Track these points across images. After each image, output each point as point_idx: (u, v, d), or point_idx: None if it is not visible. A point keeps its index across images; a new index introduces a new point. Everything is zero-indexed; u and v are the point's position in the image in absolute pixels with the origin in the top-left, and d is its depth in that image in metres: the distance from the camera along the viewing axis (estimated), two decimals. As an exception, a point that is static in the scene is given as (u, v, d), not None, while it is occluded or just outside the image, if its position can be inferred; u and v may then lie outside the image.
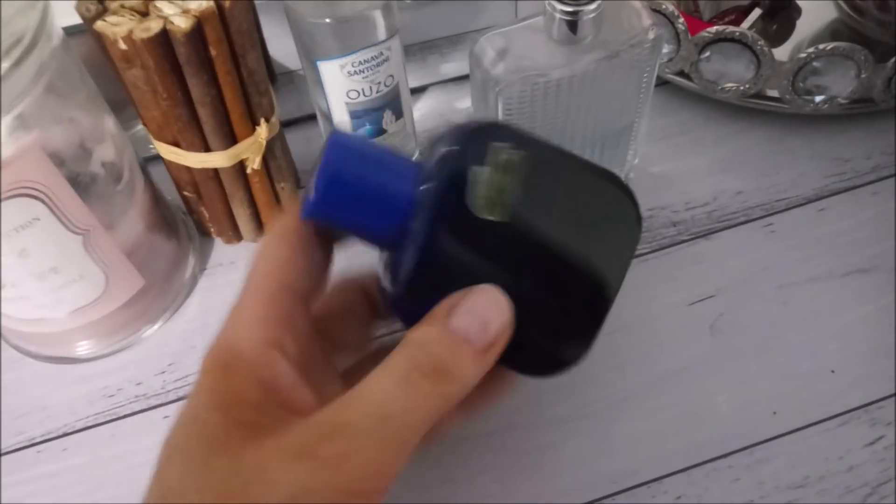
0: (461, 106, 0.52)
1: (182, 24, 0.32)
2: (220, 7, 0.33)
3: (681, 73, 0.48)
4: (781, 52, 0.49)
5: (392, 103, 0.40)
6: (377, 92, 0.39)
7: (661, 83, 0.51)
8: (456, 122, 0.28)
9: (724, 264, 0.43)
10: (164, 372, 0.42)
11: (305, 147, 0.48)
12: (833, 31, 0.50)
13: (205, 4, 0.33)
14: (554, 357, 0.29)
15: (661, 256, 0.44)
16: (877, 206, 0.45)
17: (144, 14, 0.34)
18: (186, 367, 0.42)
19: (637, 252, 0.44)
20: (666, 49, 0.47)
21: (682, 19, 0.45)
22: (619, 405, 0.39)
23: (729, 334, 0.41)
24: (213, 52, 0.34)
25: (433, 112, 0.52)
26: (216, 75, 0.35)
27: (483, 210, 0.25)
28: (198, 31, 0.33)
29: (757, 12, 0.46)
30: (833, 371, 0.39)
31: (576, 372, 0.40)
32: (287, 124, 0.50)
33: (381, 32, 0.37)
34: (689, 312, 0.42)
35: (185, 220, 0.46)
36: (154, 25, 0.32)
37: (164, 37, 0.33)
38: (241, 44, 0.35)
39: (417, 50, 0.53)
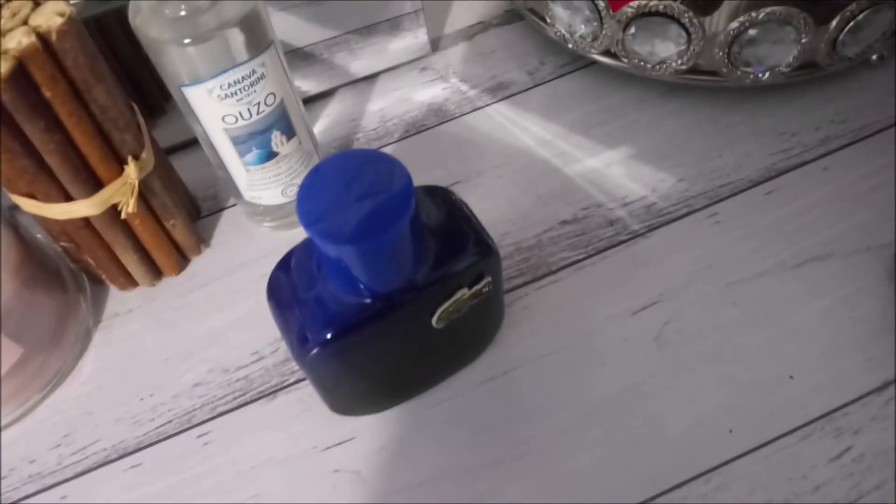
0: (374, 108, 0.47)
1: (0, 68, 0.27)
2: (45, 42, 0.28)
3: (608, 53, 0.44)
4: (715, 22, 0.44)
5: (279, 123, 0.36)
6: (258, 113, 0.34)
7: (588, 64, 0.47)
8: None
9: (667, 264, 0.39)
10: (59, 445, 0.37)
11: (205, 171, 0.43)
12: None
13: (24, 41, 0.28)
14: None
15: (597, 262, 0.40)
16: (829, 184, 0.41)
17: (-42, 58, 0.28)
18: (83, 437, 0.37)
19: (573, 258, 0.40)
20: (587, 28, 0.43)
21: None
22: (559, 438, 0.35)
23: (676, 344, 0.37)
24: (47, 94, 0.29)
25: (344, 117, 0.47)
26: (58, 118, 0.30)
27: (438, 321, 0.31)
28: (22, 74, 0.28)
29: None
30: (791, 377, 0.36)
31: (506, 405, 0.36)
32: (183, 147, 0.45)
33: (248, 49, 0.32)
34: (632, 323, 0.38)
35: (71, 269, 0.41)
36: (-34, 72, 0.27)
37: (-19, 84, 0.28)
38: (82, 79, 0.30)
39: (323, 48, 0.48)
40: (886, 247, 0.39)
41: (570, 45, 0.44)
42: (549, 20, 0.45)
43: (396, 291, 0.29)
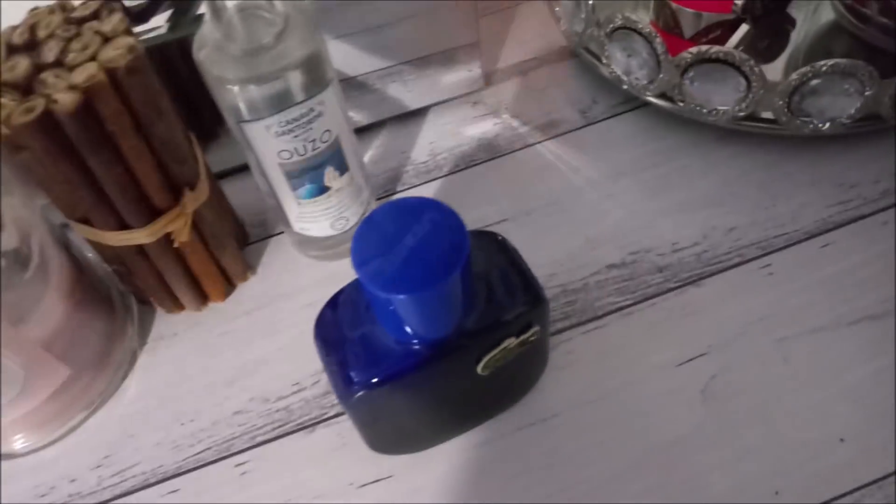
0: (424, 140, 0.47)
1: (67, 101, 0.28)
2: (113, 77, 0.29)
3: (663, 96, 0.43)
4: (775, 68, 0.44)
5: (333, 158, 0.36)
6: (313, 150, 0.35)
7: (642, 105, 0.47)
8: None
9: (716, 315, 0.39)
10: (99, 466, 0.38)
11: (255, 196, 0.43)
12: (832, 42, 0.45)
13: (93, 74, 0.28)
14: None
15: (645, 308, 0.39)
16: (887, 239, 0.40)
17: (28, 90, 0.29)
18: (123, 459, 0.38)
19: (620, 304, 0.39)
20: (644, 71, 0.42)
21: (659, 38, 0.40)
22: (597, 491, 0.34)
23: (723, 399, 0.36)
24: (111, 128, 0.30)
25: (394, 149, 0.47)
26: (120, 150, 0.31)
27: (483, 368, 0.31)
28: (88, 108, 0.29)
29: (744, 28, 0.41)
30: (842, 440, 0.35)
31: (546, 452, 0.36)
32: (235, 171, 0.46)
33: (308, 88, 0.32)
34: (678, 374, 0.37)
35: (120, 290, 0.41)
36: (35, 105, 0.28)
37: (49, 117, 0.28)
38: (145, 114, 0.31)
39: (377, 78, 0.48)
40: (947, 309, 0.37)
41: (624, 87, 0.44)
42: (604, 60, 0.44)
43: (445, 339, 0.29)
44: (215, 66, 0.31)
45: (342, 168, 0.37)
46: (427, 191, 0.45)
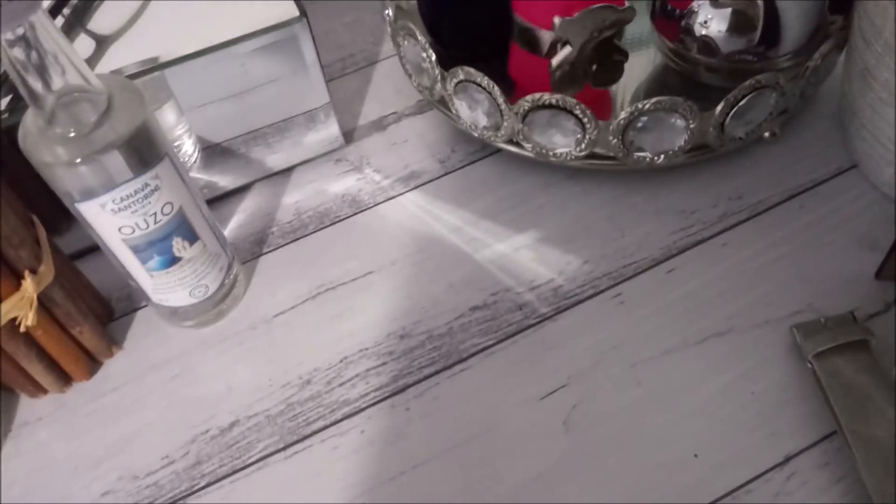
0: (289, 201, 0.48)
1: None
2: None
3: (511, 142, 0.45)
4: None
5: (180, 229, 0.36)
6: (155, 223, 0.35)
7: (497, 151, 0.48)
8: None
9: (574, 347, 0.40)
10: (-40, 567, 0.36)
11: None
12: (663, 73, 0.48)
13: None
14: None
15: (507, 347, 0.41)
16: (727, 260, 0.43)
17: None
18: (-14, 557, 0.37)
19: (483, 344, 0.41)
20: (490, 120, 0.44)
21: (497, 89, 0.42)
22: (469, 533, 0.35)
23: (584, 429, 0.37)
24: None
25: (260, 211, 0.48)
26: (-54, 241, 0.30)
27: None
28: None
29: (567, 49, 0.43)
30: (696, 455, 0.36)
31: (423, 498, 0.36)
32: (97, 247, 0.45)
33: (140, 163, 0.33)
34: (540, 408, 0.38)
35: (-22, 379, 0.40)
36: None
37: None
38: (-30, 202, 0.31)
39: (241, 143, 0.49)
40: (784, 320, 0.40)
41: (476, 135, 0.46)
42: (454, 111, 0.46)
43: None
44: (41, 152, 0.31)
45: (191, 237, 0.37)
46: (291, 250, 0.45)
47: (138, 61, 0.41)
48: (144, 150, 0.33)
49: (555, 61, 0.44)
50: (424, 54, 0.45)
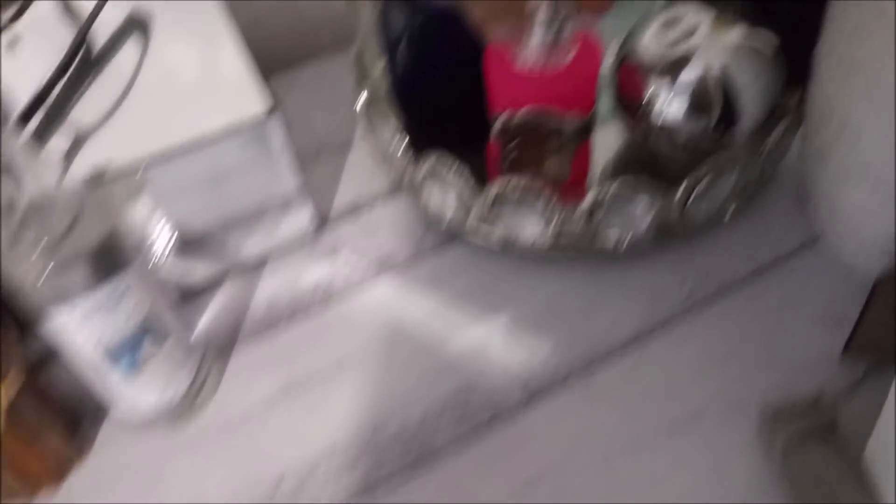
0: (262, 294, 0.48)
1: None
2: None
3: (479, 230, 0.46)
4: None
5: (150, 331, 0.36)
6: (124, 327, 0.35)
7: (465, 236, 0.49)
8: None
9: (546, 438, 0.40)
10: None
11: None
12: (630, 149, 0.49)
13: None
14: None
15: (480, 439, 0.40)
16: (696, 340, 0.43)
17: None
18: None
19: (454, 438, 0.40)
20: (458, 208, 0.45)
21: (466, 176, 0.43)
22: None
23: (558, 523, 0.37)
24: None
25: (231, 305, 0.48)
26: None
27: None
28: None
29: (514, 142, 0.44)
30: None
31: None
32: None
33: (109, 269, 0.33)
34: (514, 500, 0.38)
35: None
36: None
37: None
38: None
39: (212, 232, 0.49)
40: (755, 403, 0.40)
41: (447, 220, 0.46)
42: (424, 198, 0.47)
43: None
44: (6, 263, 0.31)
45: (160, 339, 0.37)
46: (264, 346, 0.45)
47: (116, 158, 0.42)
48: (113, 257, 0.33)
49: (503, 154, 0.45)
50: (396, 140, 0.46)
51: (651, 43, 0.44)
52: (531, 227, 0.44)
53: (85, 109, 0.45)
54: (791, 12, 0.43)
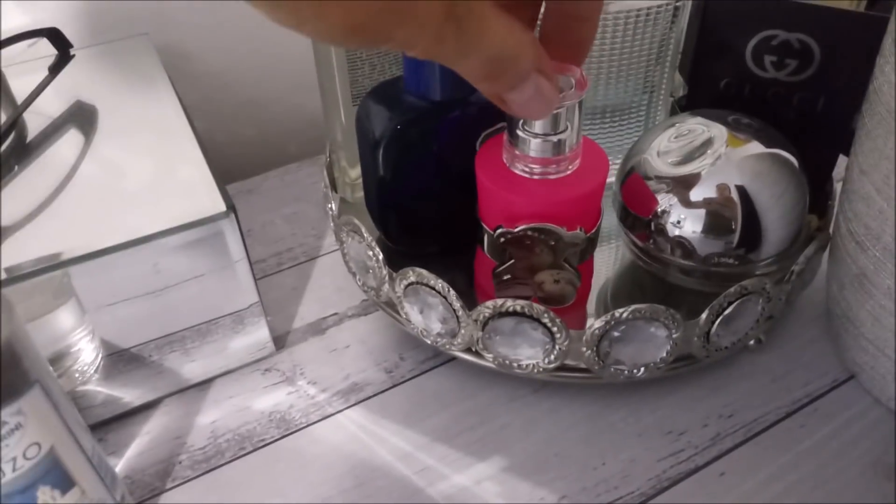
0: (205, 420, 0.40)
1: None
2: None
3: (470, 350, 0.39)
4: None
5: (49, 475, 0.28)
6: (14, 470, 0.27)
7: (450, 360, 0.42)
8: None
9: None
10: None
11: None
12: (631, 270, 0.44)
13: None
14: None
15: None
16: (727, 492, 0.36)
17: None
18: None
19: None
20: (445, 327, 0.38)
21: (453, 293, 0.37)
22: None
23: None
24: None
25: (167, 434, 0.40)
26: None
27: None
28: None
29: (511, 260, 0.38)
30: None
31: None
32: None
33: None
34: None
35: None
36: None
37: None
38: None
39: (153, 349, 0.41)
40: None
41: (428, 342, 0.40)
42: (403, 315, 0.40)
43: None
44: None
45: (64, 485, 0.29)
46: (203, 485, 0.37)
47: (36, 258, 0.35)
48: (6, 380, 0.25)
49: (498, 269, 0.39)
50: (371, 252, 0.40)
51: (662, 155, 0.40)
52: (531, 350, 0.37)
53: (13, 197, 0.39)
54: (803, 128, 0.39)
